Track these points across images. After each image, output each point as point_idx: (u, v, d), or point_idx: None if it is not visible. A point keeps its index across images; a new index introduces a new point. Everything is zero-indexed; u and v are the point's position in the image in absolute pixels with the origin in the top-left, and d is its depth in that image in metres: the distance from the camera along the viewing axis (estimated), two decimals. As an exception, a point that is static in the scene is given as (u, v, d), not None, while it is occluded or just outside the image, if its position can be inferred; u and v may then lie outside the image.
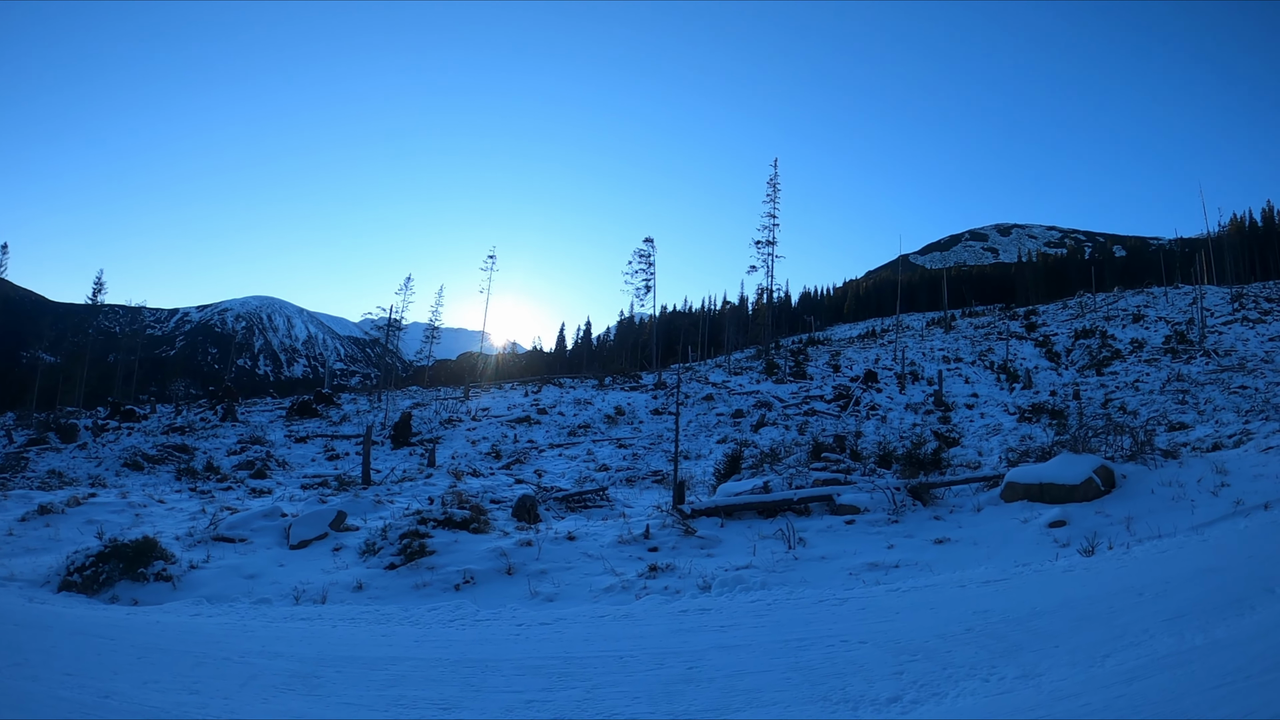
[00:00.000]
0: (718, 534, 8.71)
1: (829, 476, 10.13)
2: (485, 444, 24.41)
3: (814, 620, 4.91)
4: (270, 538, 9.89)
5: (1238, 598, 4.05)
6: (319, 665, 4.36)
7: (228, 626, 5.70)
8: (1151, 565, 5.30)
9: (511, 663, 4.38)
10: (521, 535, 9.12)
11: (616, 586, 7.02)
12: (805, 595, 5.75)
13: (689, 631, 4.90)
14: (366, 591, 7.38)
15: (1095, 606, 4.37)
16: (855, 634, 4.45)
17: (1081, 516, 7.69)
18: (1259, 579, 4.36)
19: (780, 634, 4.64)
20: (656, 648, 4.55)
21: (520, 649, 4.77)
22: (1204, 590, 4.36)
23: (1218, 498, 7.98)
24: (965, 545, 7.30)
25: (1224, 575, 4.70)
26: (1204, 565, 5.04)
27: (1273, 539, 5.75)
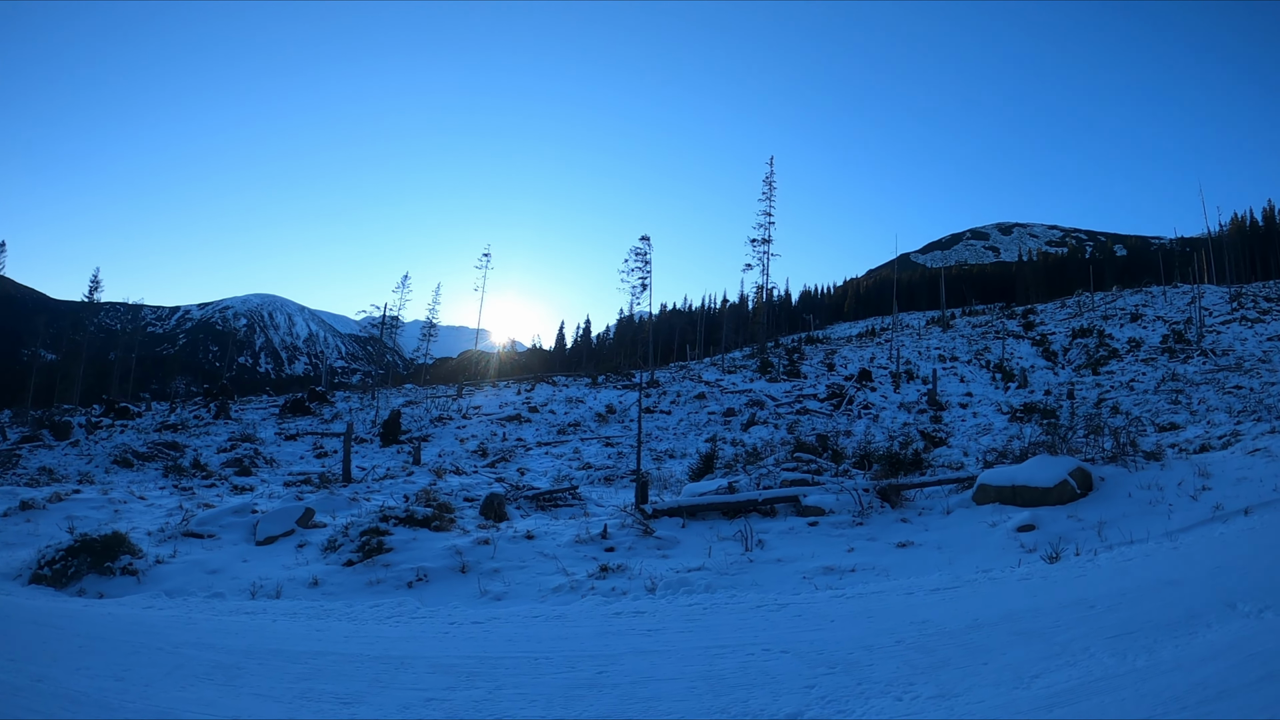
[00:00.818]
0: (677, 535, 8.58)
1: (797, 477, 9.96)
2: (473, 442, 24.30)
3: (745, 626, 4.80)
4: (238, 534, 9.96)
5: (1194, 614, 3.87)
6: (244, 657, 4.41)
7: (173, 619, 5.75)
8: (1113, 575, 5.09)
9: (428, 660, 4.36)
10: (481, 534, 9.08)
11: (565, 587, 6.98)
12: (745, 599, 5.65)
13: (615, 634, 4.83)
14: (321, 587, 7.43)
15: (1040, 620, 4.18)
16: (781, 642, 4.33)
17: (1052, 521, 7.47)
18: (1222, 592, 4.17)
19: (705, 639, 4.54)
20: (576, 650, 4.50)
21: (442, 647, 4.76)
22: (1160, 604, 4.17)
23: (1197, 502, 7.76)
24: (928, 549, 7.10)
25: (1185, 588, 4.51)
26: (1167, 576, 4.84)
27: (1245, 548, 5.53)
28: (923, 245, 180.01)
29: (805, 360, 36.27)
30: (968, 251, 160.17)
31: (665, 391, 29.99)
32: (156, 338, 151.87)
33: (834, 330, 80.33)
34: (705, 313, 78.43)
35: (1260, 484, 8.26)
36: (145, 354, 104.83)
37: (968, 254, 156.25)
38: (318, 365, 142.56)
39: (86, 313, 64.11)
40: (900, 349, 38.01)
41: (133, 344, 69.67)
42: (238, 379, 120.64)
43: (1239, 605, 3.85)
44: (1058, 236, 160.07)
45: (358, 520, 9.43)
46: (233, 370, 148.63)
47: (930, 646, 3.94)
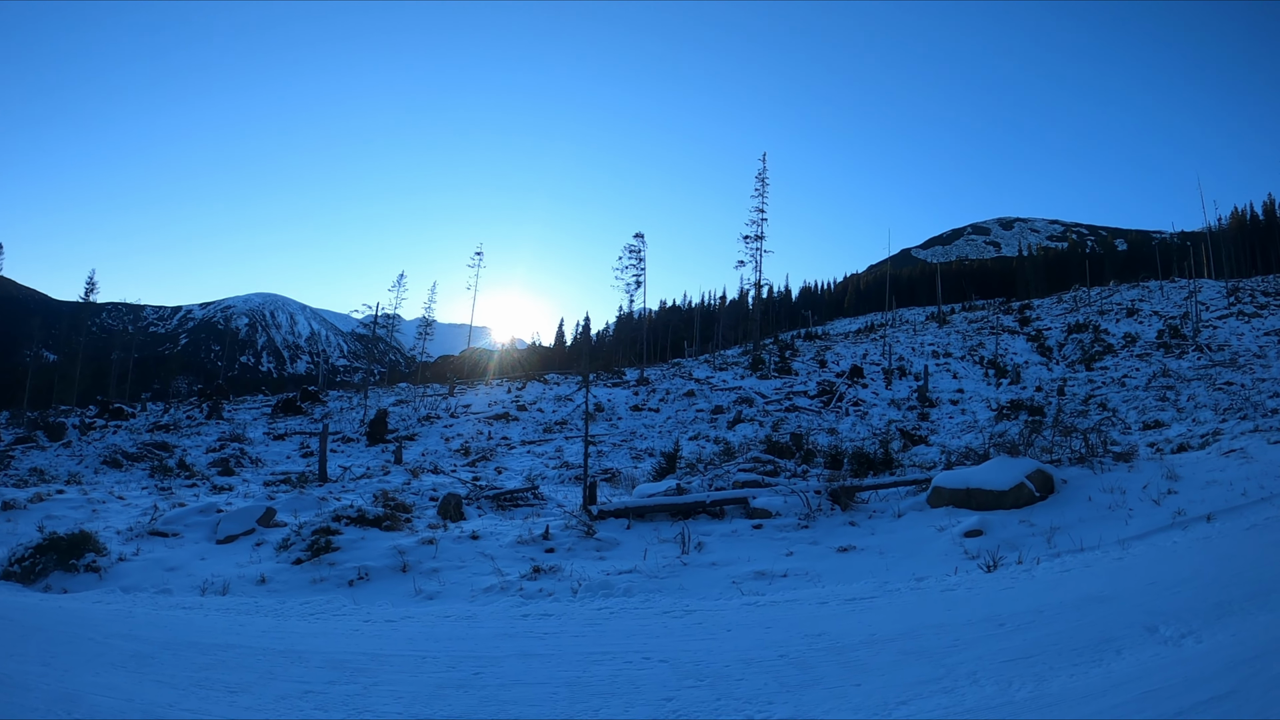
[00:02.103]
0: (619, 536, 8.49)
1: (750, 478, 9.80)
2: (458, 441, 24.22)
3: (641, 633, 4.73)
4: (201, 533, 10.15)
5: (1109, 637, 3.64)
6: (161, 648, 4.55)
7: (114, 612, 5.92)
8: (1043, 588, 4.88)
9: (325, 655, 4.47)
10: (429, 534, 9.18)
11: (495, 587, 7.01)
12: (656, 605, 5.55)
13: (511, 636, 4.85)
14: (268, 585, 7.58)
15: (942, 637, 3.98)
16: (663, 651, 4.23)
17: (1003, 526, 7.25)
18: (1148, 612, 3.96)
19: (593, 645, 4.50)
20: (465, 650, 4.52)
21: (346, 643, 4.85)
22: (1076, 624, 3.96)
23: (1159, 507, 7.53)
24: (870, 554, 6.92)
25: (1111, 605, 4.30)
26: (1098, 591, 4.62)
27: (1194, 559, 5.31)
28: (924, 240, 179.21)
29: (798, 357, 36.05)
30: (969, 247, 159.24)
31: (654, 389, 29.82)
32: (158, 337, 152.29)
33: (834, 326, 80.00)
34: (704, 309, 78.22)
35: (1229, 488, 8.03)
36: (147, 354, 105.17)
37: (969, 249, 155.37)
38: (320, 364, 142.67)
39: (84, 313, 64.11)
40: (894, 345, 37.77)
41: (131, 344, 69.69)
42: (240, 378, 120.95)
43: (1160, 629, 3.63)
44: (1059, 231, 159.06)
45: (311, 520, 9.56)
46: (235, 370, 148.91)
47: (811, 663, 3.81)
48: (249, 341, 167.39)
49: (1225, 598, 3.97)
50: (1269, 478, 8.45)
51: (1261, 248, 62.04)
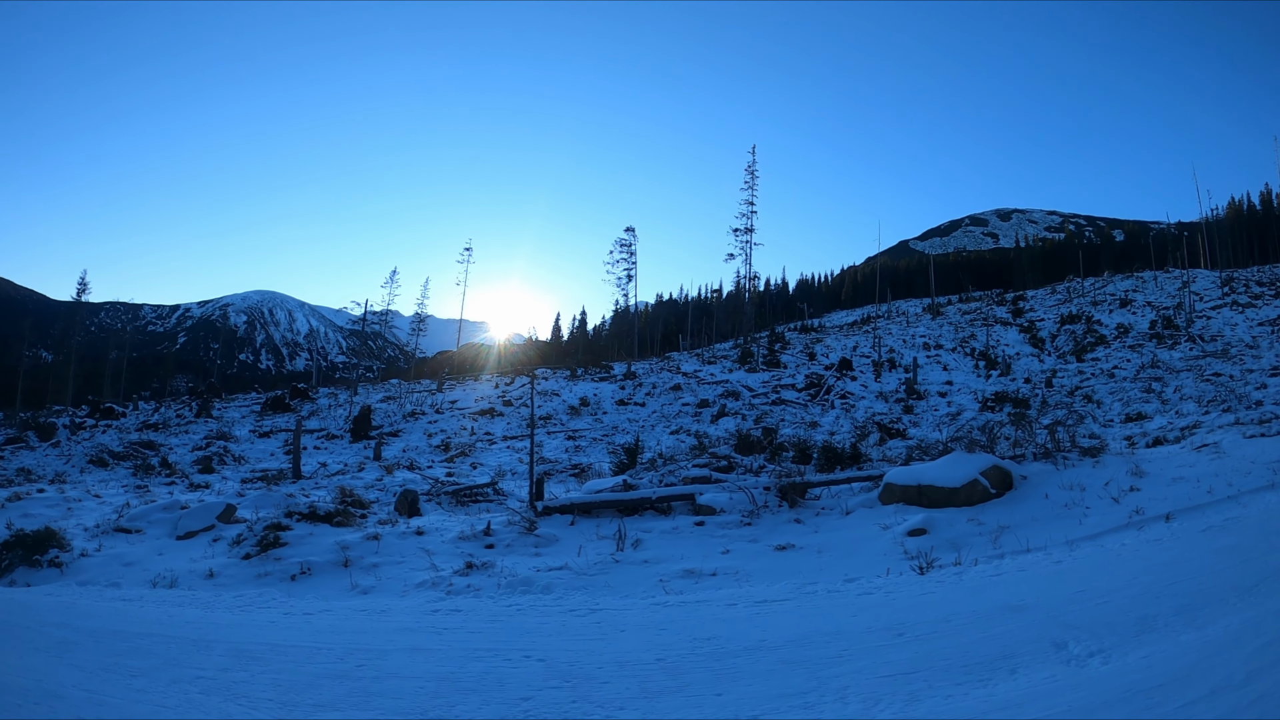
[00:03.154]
0: (559, 533, 8.40)
1: (700, 474, 9.59)
2: (440, 437, 24.05)
3: (537, 631, 4.76)
4: (162, 529, 10.28)
5: (1010, 653, 3.44)
6: (89, 636, 4.68)
7: (60, 604, 6.08)
8: (964, 594, 4.67)
9: (229, 645, 4.58)
10: (376, 529, 9.23)
11: (428, 582, 7.09)
12: (568, 603, 5.56)
13: (413, 630, 4.93)
14: (216, 579, 7.72)
15: (830, 646, 3.81)
16: (546, 650, 4.24)
17: (949, 524, 7.00)
18: (1062, 626, 3.76)
19: (485, 641, 4.56)
20: (361, 644, 4.61)
21: (254, 634, 4.96)
22: (979, 636, 3.75)
23: (1118, 505, 7.29)
24: (807, 554, 6.71)
25: (1027, 615, 4.08)
26: (1017, 599, 4.39)
27: (1136, 565, 5.05)
28: (922, 232, 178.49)
29: (788, 350, 35.81)
30: (967, 238, 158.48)
31: (640, 383, 29.62)
32: (157, 336, 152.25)
33: (830, 318, 79.65)
34: (700, 302, 77.89)
35: (1195, 485, 7.78)
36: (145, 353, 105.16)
37: (967, 240, 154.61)
38: (319, 361, 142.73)
39: (79, 313, 63.95)
40: (886, 337, 37.52)
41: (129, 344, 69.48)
42: (239, 376, 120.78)
43: (1070, 645, 3.40)
44: (1057, 222, 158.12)
45: (265, 516, 9.78)
46: (234, 368, 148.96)
47: (685, 669, 3.70)
48: (247, 339, 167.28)
49: (1154, 610, 3.75)
50: (1238, 474, 8.21)
51: (1259, 238, 61.52)
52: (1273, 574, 4.13)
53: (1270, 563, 4.42)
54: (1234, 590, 3.90)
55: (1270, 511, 6.26)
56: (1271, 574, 4.13)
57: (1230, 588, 3.95)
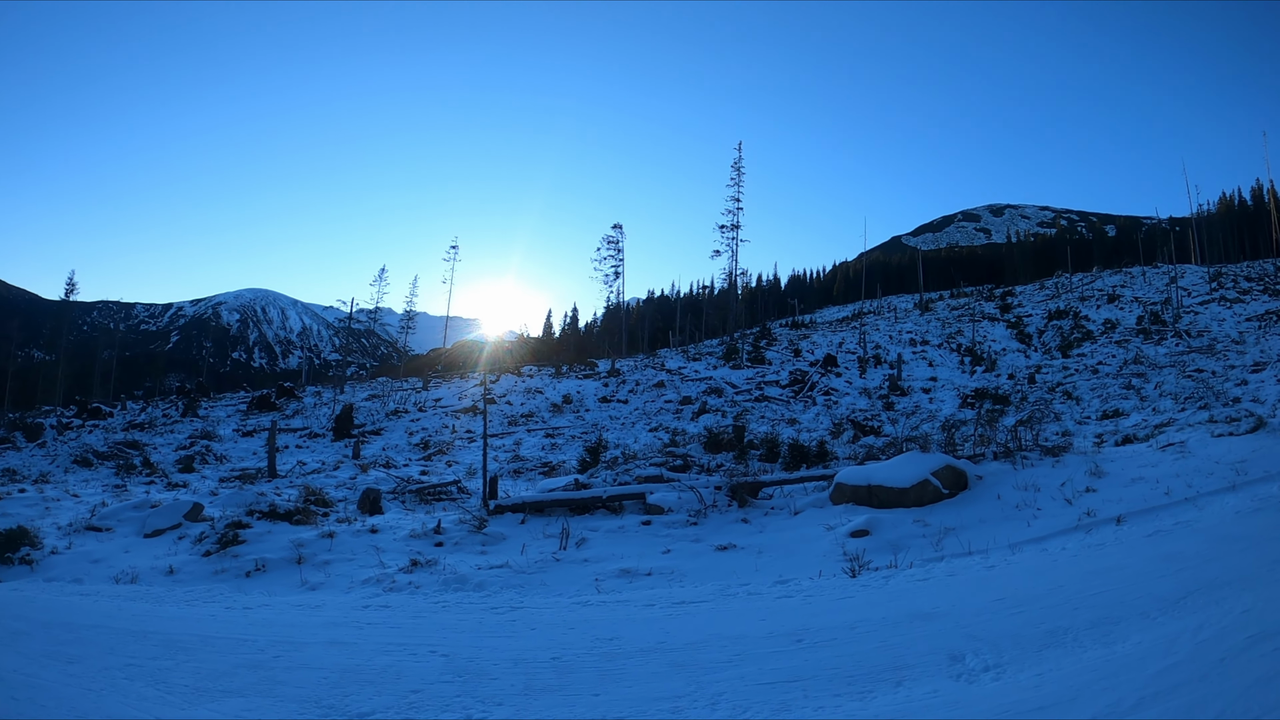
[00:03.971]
0: (509, 531, 8.41)
1: (653, 474, 9.48)
2: (421, 435, 23.93)
3: (453, 628, 4.89)
4: (131, 527, 10.45)
5: (902, 664, 3.35)
6: (40, 627, 4.87)
7: (21, 598, 6.27)
8: (883, 599, 4.57)
9: (163, 636, 4.74)
10: (332, 527, 9.40)
11: (373, 579, 7.22)
12: (494, 601, 5.72)
13: (338, 625, 5.09)
14: (175, 575, 7.92)
15: (725, 650, 3.77)
16: (452, 646, 4.37)
17: (894, 526, 6.88)
18: (966, 636, 3.66)
19: (399, 637, 4.71)
20: (284, 635, 4.79)
21: (189, 627, 5.14)
22: (878, 645, 3.67)
23: (1071, 507, 7.16)
24: (747, 554, 6.62)
25: (935, 623, 3.97)
26: (933, 606, 4.29)
27: (1067, 570, 4.90)
28: (915, 228, 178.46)
29: (773, 346, 35.69)
30: (959, 233, 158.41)
31: (624, 380, 29.48)
32: (150, 335, 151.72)
33: (822, 314, 79.56)
34: (691, 299, 77.75)
35: (1154, 486, 7.65)
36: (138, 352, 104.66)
37: (959, 236, 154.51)
38: (313, 359, 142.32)
39: (69, 313, 63.61)
40: (873, 333, 37.43)
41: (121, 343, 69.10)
42: (232, 374, 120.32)
43: (968, 658, 3.29)
44: (1049, 218, 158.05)
45: (227, 514, 10.07)
46: (227, 366, 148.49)
47: (575, 668, 3.81)
48: (240, 337, 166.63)
49: (1067, 623, 3.63)
50: (1200, 475, 8.09)
51: (1250, 233, 61.46)
52: (1205, 586, 4.00)
53: (1206, 574, 4.28)
54: (1159, 603, 3.78)
55: (1223, 516, 6.12)
56: (1204, 586, 4.00)
57: (1156, 600, 3.83)
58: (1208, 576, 4.20)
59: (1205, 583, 4.07)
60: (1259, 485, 7.56)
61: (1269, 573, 4.12)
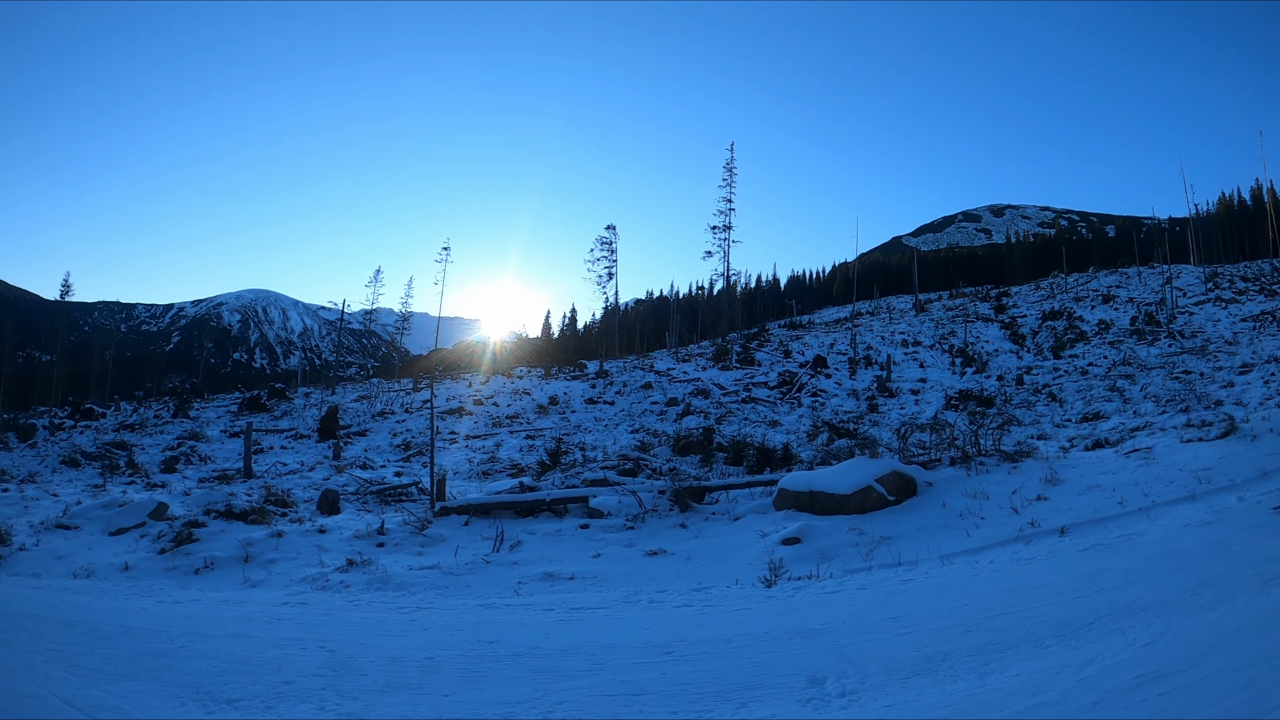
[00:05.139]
0: (449, 533, 8.45)
1: (599, 477, 9.37)
2: (404, 436, 23.84)
3: (357, 625, 5.03)
4: (98, 526, 10.61)
5: (756, 684, 3.25)
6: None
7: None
8: (779, 612, 4.47)
9: (90, 626, 4.93)
10: (283, 526, 9.58)
11: (310, 577, 7.39)
12: (405, 601, 5.84)
13: (250, 619, 5.27)
14: (130, 572, 8.12)
15: (591, 659, 3.78)
16: (342, 642, 4.54)
17: (828, 534, 6.70)
18: (837, 658, 3.53)
19: (298, 632, 4.87)
20: (197, 628, 4.98)
21: (118, 619, 5.27)
22: (743, 662, 3.57)
23: (1017, 516, 6.96)
24: (676, 560, 6.54)
25: (813, 641, 3.85)
26: (819, 623, 4.16)
27: (982, 587, 4.70)
28: (915, 228, 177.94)
29: (765, 347, 35.51)
30: (959, 234, 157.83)
31: (612, 381, 29.35)
32: (151, 335, 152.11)
33: (821, 315, 79.26)
34: (690, 300, 77.60)
35: (1109, 495, 7.42)
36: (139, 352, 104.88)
37: (959, 236, 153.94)
38: (314, 359, 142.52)
39: (65, 313, 63.74)
40: (866, 334, 37.22)
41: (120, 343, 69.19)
42: (233, 375, 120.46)
43: (828, 681, 3.19)
44: (1050, 218, 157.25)
45: (186, 513, 10.34)
46: (228, 367, 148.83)
47: (441, 668, 3.93)
48: (241, 338, 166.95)
49: (952, 648, 3.46)
50: (1160, 483, 7.88)
51: (1249, 233, 60.97)
52: (1119, 610, 3.81)
53: (1125, 596, 4.08)
54: (1061, 628, 3.60)
55: (1169, 530, 5.90)
56: (1117, 610, 3.81)
57: (1059, 625, 3.65)
58: (1126, 599, 4.02)
59: (1120, 606, 3.89)
60: (1218, 495, 7.34)
61: (1192, 598, 3.92)
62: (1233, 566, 4.46)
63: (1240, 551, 4.85)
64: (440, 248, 45.65)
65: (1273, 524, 5.70)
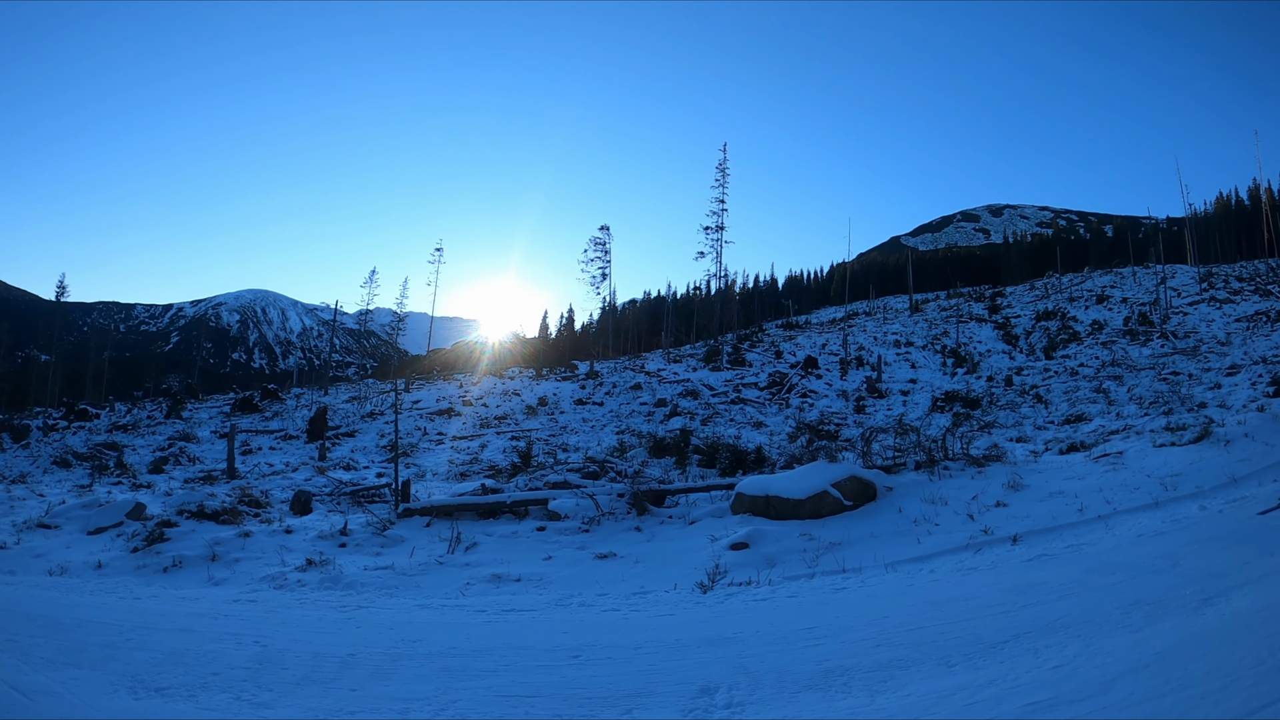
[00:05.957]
0: (410, 534, 8.54)
1: (560, 480, 9.36)
2: (390, 438, 23.79)
3: (297, 623, 5.15)
4: (78, 525, 10.80)
5: (646, 691, 3.28)
6: None
7: None
8: (702, 619, 4.45)
9: (50, 619, 5.10)
10: (253, 527, 9.75)
11: (270, 577, 7.53)
12: (348, 600, 6.00)
13: (199, 615, 5.41)
14: (102, 570, 8.29)
15: (500, 660, 3.92)
16: (275, 638, 4.67)
17: (777, 539, 6.63)
18: (734, 668, 3.52)
19: (238, 627, 5.02)
20: (147, 622, 5.12)
21: (78, 613, 5.44)
22: (643, 669, 3.60)
23: (973, 522, 6.87)
24: (625, 563, 6.57)
25: (721, 650, 3.82)
26: (733, 631, 4.12)
27: (916, 597, 4.60)
28: (914, 228, 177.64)
29: (757, 348, 35.44)
30: (958, 234, 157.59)
31: (602, 382, 29.29)
32: (150, 335, 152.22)
33: (819, 315, 79.09)
34: (687, 300, 77.52)
35: (1071, 501, 7.32)
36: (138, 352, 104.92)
37: (958, 236, 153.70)
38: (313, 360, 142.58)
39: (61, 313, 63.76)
40: (859, 334, 37.13)
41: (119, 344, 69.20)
42: (232, 375, 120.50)
43: (719, 692, 3.16)
44: (1048, 218, 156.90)
45: (161, 513, 10.55)
46: (227, 367, 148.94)
47: (359, 664, 4.05)
48: (240, 338, 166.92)
49: (856, 663, 3.41)
50: (1126, 490, 7.77)
51: (1247, 233, 60.76)
52: (1040, 628, 3.68)
53: (1051, 613, 3.96)
54: (974, 646, 3.49)
55: (1123, 540, 5.76)
56: (1039, 628, 3.68)
57: (973, 642, 3.54)
58: (1050, 616, 3.90)
59: (1043, 624, 3.77)
60: (1182, 503, 7.22)
61: (1121, 616, 3.79)
62: (1175, 583, 4.34)
63: (1188, 566, 4.72)
64: (433, 249, 45.54)
65: (1229, 535, 5.53)
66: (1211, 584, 4.21)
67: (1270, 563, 4.48)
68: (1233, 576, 4.28)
